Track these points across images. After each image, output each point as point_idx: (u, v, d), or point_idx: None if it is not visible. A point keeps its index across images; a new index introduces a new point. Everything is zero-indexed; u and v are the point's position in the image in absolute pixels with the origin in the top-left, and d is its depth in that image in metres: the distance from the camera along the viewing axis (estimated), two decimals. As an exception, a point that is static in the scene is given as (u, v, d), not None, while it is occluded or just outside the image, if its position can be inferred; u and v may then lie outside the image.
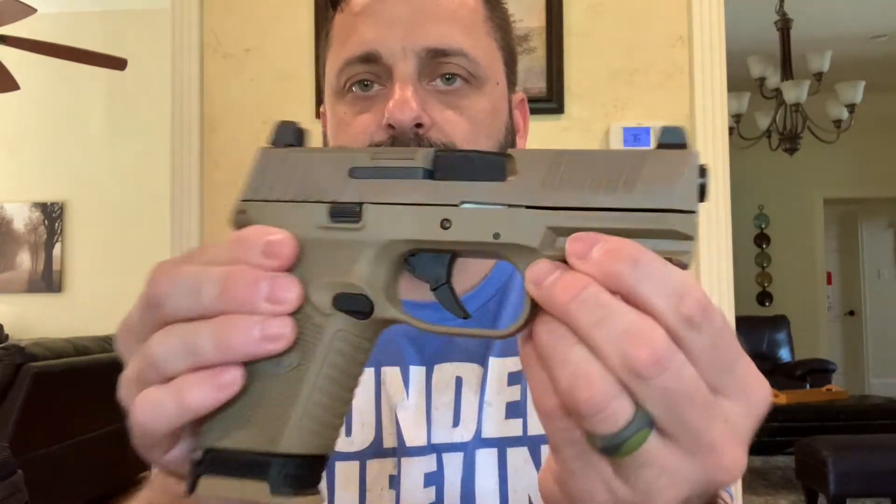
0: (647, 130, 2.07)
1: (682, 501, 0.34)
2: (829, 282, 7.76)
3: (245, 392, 0.37)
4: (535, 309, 0.35)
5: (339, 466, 0.70)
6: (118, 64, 3.57)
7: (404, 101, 0.66)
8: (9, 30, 3.48)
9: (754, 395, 0.34)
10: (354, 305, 0.38)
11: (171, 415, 0.36)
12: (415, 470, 0.70)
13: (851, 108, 4.67)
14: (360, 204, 0.38)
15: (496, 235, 0.36)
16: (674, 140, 0.35)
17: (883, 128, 7.03)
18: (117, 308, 0.41)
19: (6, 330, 4.91)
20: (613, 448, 0.32)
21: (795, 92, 4.43)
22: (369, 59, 0.69)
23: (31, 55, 3.54)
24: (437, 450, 0.70)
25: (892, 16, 5.23)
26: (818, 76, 4.49)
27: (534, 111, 2.43)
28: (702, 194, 0.34)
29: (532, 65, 2.12)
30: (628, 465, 0.33)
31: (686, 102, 2.12)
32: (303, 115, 2.15)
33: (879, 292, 8.30)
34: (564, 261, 0.34)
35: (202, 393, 0.36)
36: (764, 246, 7.31)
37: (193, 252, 0.39)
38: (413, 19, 0.69)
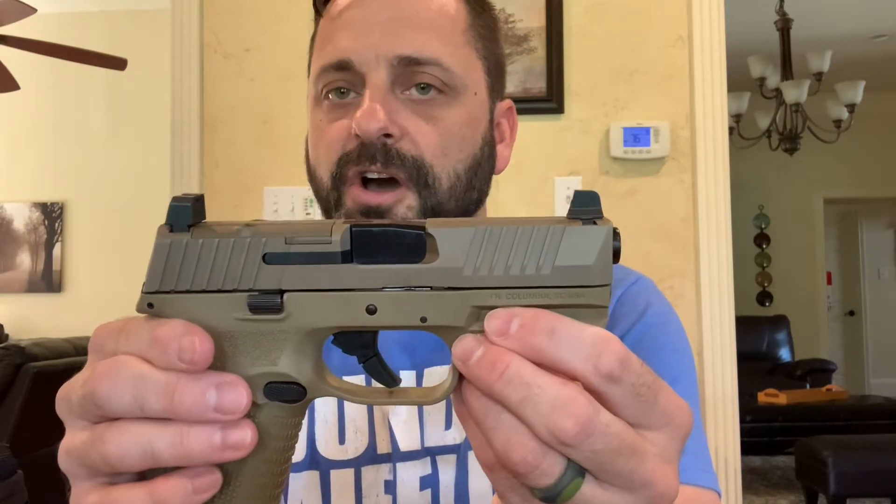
0: (647, 130, 2.07)
1: None
2: (829, 282, 7.76)
3: None
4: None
5: (335, 475, 0.70)
6: (118, 64, 3.56)
7: (371, 112, 0.65)
8: (9, 30, 3.48)
9: (676, 420, 0.36)
10: (287, 395, 0.38)
11: None
12: (410, 474, 0.70)
13: (851, 108, 4.67)
14: (281, 293, 0.37)
15: (423, 319, 0.37)
16: (587, 205, 0.37)
17: (883, 128, 7.03)
18: (117, 308, 0.40)
19: (6, 330, 4.90)
20: (551, 498, 0.35)
21: (795, 92, 4.43)
22: (343, 66, 0.68)
23: (31, 55, 3.54)
24: (431, 452, 0.71)
25: (892, 16, 5.22)
26: (818, 76, 4.49)
27: (534, 111, 2.42)
28: (616, 256, 0.37)
29: (532, 65, 2.12)
30: None
31: (686, 102, 2.11)
32: (302, 115, 2.15)
33: (879, 292, 8.30)
34: None
35: (182, 499, 0.35)
36: (764, 246, 7.31)
37: (126, 324, 0.37)
38: (388, 27, 0.68)
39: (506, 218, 0.38)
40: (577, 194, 0.37)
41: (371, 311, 0.37)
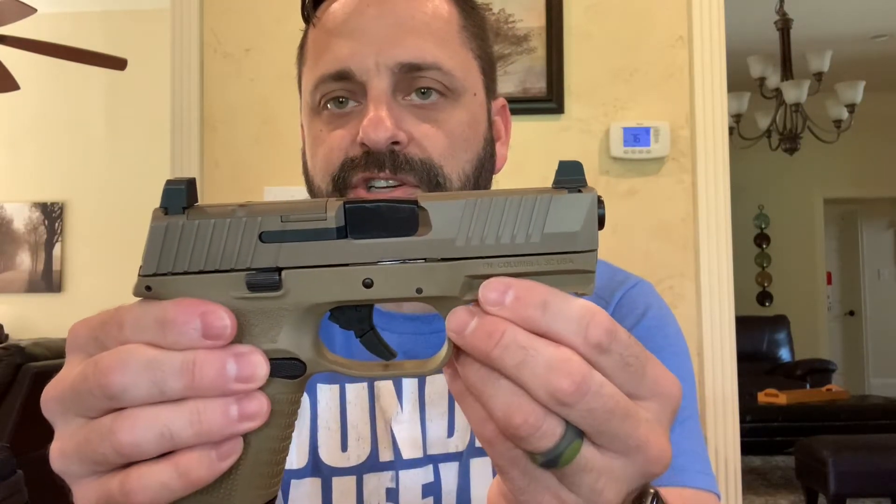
0: (647, 130, 2.07)
1: (623, 497, 0.38)
2: (829, 282, 7.76)
3: None
4: (457, 347, 0.37)
5: (336, 482, 0.70)
6: (118, 64, 3.57)
7: (378, 121, 0.65)
8: (9, 30, 3.48)
9: (666, 390, 0.38)
10: (288, 371, 0.38)
11: (177, 492, 0.36)
12: (413, 481, 0.70)
13: (851, 108, 4.67)
14: (279, 271, 0.37)
15: (419, 290, 0.38)
16: (572, 175, 0.38)
17: (883, 128, 7.03)
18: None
19: (6, 330, 4.90)
20: (552, 461, 0.36)
21: (795, 92, 4.43)
22: (343, 76, 0.68)
23: (31, 55, 3.54)
24: (434, 460, 0.71)
25: (892, 16, 5.22)
26: (818, 76, 4.49)
27: (534, 111, 2.43)
28: (601, 223, 0.38)
29: (532, 65, 2.12)
30: (570, 474, 0.37)
31: (686, 102, 2.12)
32: (303, 115, 2.15)
33: (879, 292, 8.30)
34: None
35: (208, 468, 0.36)
36: (764, 246, 7.31)
37: (111, 316, 0.37)
38: (386, 34, 0.68)
39: (494, 190, 0.38)
40: (562, 164, 0.38)
41: (367, 284, 0.38)
